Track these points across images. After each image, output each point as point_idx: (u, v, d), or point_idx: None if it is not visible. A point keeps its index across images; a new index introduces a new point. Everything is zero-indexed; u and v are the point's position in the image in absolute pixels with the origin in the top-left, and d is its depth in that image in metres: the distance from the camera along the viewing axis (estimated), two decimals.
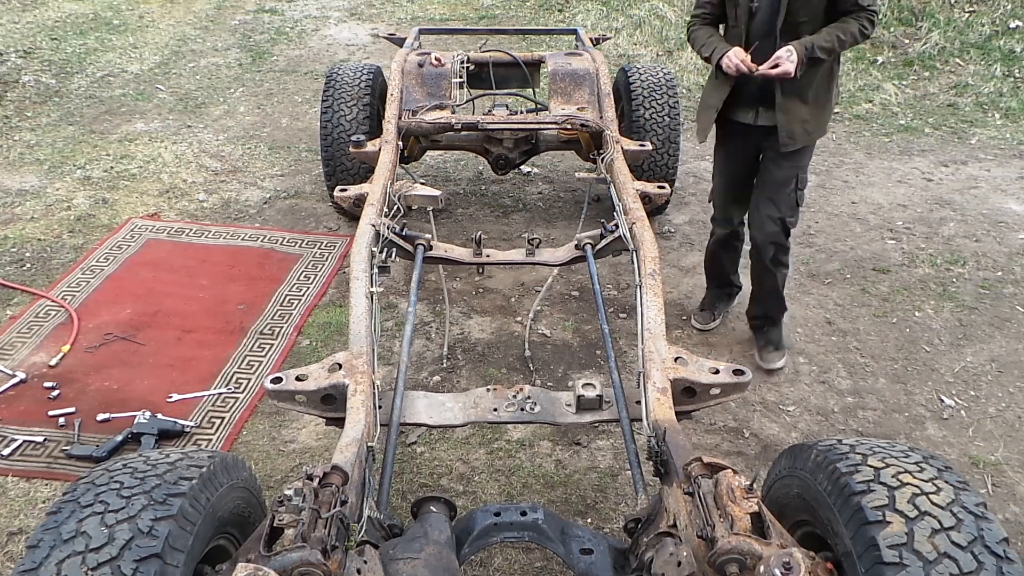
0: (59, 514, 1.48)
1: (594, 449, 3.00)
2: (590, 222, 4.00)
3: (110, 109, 6.02)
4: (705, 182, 5.13)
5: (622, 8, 8.21)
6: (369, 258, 2.74)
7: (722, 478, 1.63)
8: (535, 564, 2.52)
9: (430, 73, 4.20)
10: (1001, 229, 4.66)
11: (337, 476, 1.71)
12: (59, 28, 7.60)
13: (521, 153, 4.32)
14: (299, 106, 6.22)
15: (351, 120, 4.16)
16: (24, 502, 2.71)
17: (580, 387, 2.32)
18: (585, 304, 3.88)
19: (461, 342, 3.61)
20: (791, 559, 1.38)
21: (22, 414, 3.07)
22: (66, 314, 3.65)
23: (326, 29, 8.02)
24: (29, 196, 4.73)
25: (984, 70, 6.72)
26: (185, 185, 4.95)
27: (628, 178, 3.44)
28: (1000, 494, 2.86)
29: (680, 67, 6.89)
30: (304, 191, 4.93)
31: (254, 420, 3.11)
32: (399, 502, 2.71)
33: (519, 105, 4.54)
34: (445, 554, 1.71)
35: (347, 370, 2.23)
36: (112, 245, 4.24)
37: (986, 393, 3.36)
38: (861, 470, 1.59)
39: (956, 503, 1.48)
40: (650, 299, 2.55)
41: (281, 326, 3.65)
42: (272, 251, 4.26)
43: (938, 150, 5.74)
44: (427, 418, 2.34)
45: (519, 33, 7.04)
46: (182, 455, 1.69)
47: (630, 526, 1.92)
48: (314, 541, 1.51)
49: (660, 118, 4.24)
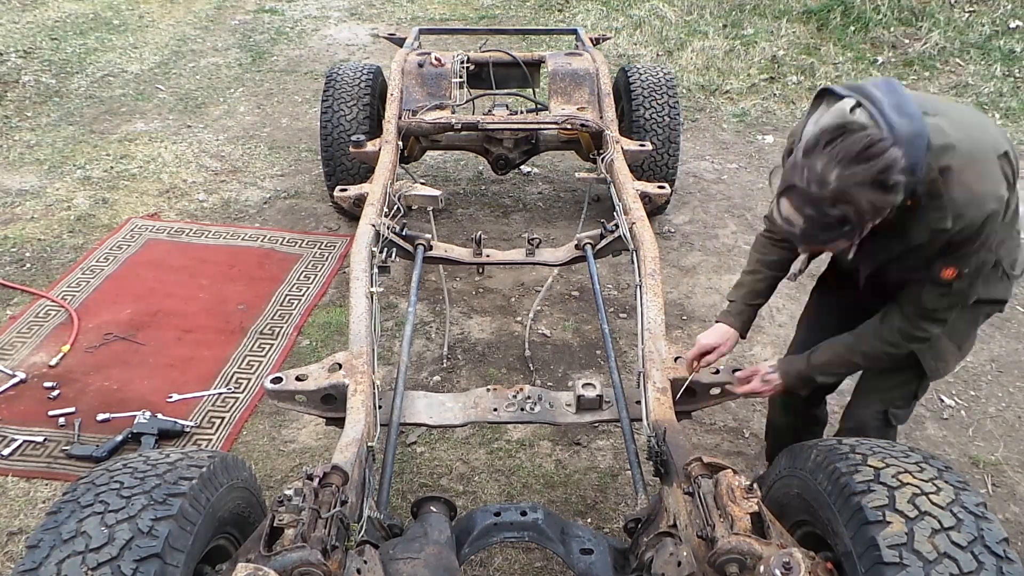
0: (59, 514, 1.48)
1: (594, 449, 3.00)
2: (590, 222, 4.00)
3: (110, 109, 6.02)
4: (705, 182, 5.13)
5: (622, 8, 8.21)
6: (369, 258, 2.74)
7: (722, 478, 1.64)
8: (535, 564, 2.52)
9: (430, 73, 4.20)
10: None
11: (337, 476, 1.71)
12: (59, 28, 7.60)
13: (521, 153, 4.32)
14: (299, 106, 6.22)
15: (351, 120, 4.16)
16: (24, 502, 2.71)
17: (580, 387, 2.32)
18: (585, 304, 3.88)
19: (461, 342, 3.61)
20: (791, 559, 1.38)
21: (22, 414, 3.07)
22: (66, 314, 3.65)
23: (326, 29, 8.02)
24: (29, 196, 4.72)
25: (984, 70, 6.72)
26: (185, 185, 4.94)
27: (628, 178, 3.44)
28: (1000, 494, 2.86)
29: (680, 67, 6.89)
30: (304, 191, 4.92)
31: (254, 420, 3.11)
32: (399, 502, 2.71)
33: (519, 105, 4.54)
34: (445, 554, 1.71)
35: (347, 370, 2.23)
36: (112, 245, 4.24)
37: (986, 393, 3.36)
38: (861, 470, 1.59)
39: (956, 503, 1.48)
40: (650, 299, 2.55)
41: (281, 326, 3.65)
42: (272, 251, 4.26)
43: None
44: (427, 418, 2.34)
45: (519, 33, 7.04)
46: (182, 455, 1.69)
47: (630, 526, 1.92)
48: (314, 541, 1.51)
49: (660, 118, 4.24)
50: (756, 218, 4.65)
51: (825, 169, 1.65)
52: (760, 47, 7.06)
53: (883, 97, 1.79)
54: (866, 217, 1.70)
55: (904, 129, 1.72)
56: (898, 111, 1.75)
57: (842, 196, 1.65)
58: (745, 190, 5.04)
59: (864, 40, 7.14)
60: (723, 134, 5.88)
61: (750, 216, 4.70)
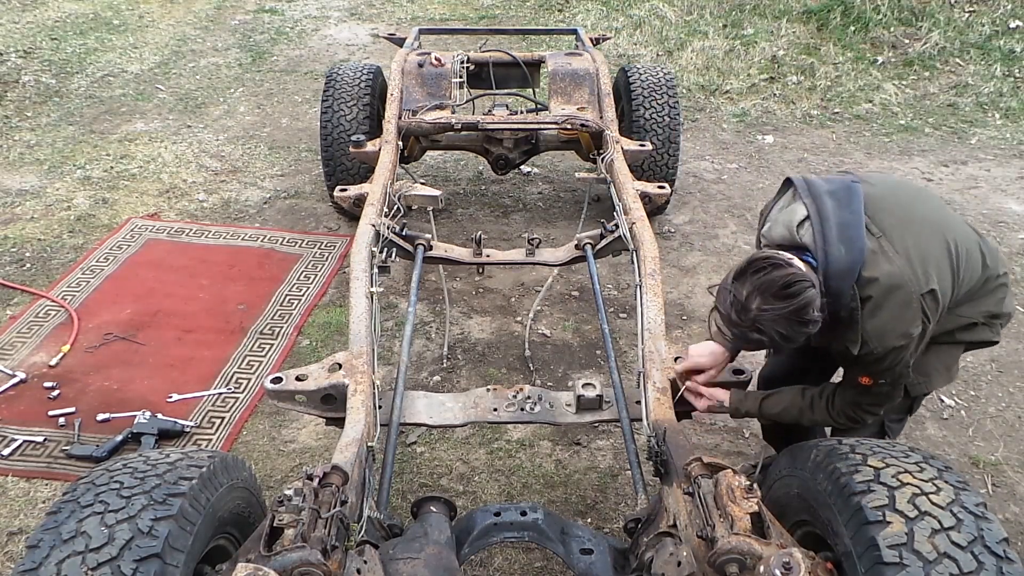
0: (59, 514, 1.48)
1: (594, 449, 3.00)
2: (590, 222, 4.00)
3: (110, 109, 6.02)
4: (705, 182, 5.14)
5: (622, 8, 8.21)
6: (369, 258, 2.74)
7: (722, 478, 1.63)
8: (535, 564, 2.52)
9: (430, 73, 4.20)
10: (1001, 229, 4.66)
11: (337, 476, 1.71)
12: (59, 28, 7.60)
13: (521, 153, 4.32)
14: (299, 106, 6.21)
15: (351, 120, 4.16)
16: (24, 502, 2.71)
17: (580, 387, 2.32)
18: (585, 304, 3.87)
19: (461, 342, 3.61)
20: (791, 559, 1.38)
21: (22, 414, 3.07)
22: (66, 314, 3.65)
23: (326, 29, 8.02)
24: (29, 196, 4.72)
25: (984, 70, 6.71)
26: (185, 185, 4.94)
27: (628, 178, 3.44)
28: (1000, 494, 2.86)
29: (680, 67, 6.89)
30: (304, 191, 4.92)
31: (254, 420, 3.11)
32: (399, 502, 2.71)
33: (519, 105, 4.53)
34: (445, 554, 1.71)
35: (347, 370, 2.23)
36: (112, 245, 4.24)
37: (986, 393, 3.36)
38: (861, 470, 1.59)
39: (956, 503, 1.48)
40: (650, 299, 2.55)
41: (281, 326, 3.65)
42: (272, 251, 4.26)
43: (938, 150, 5.74)
44: (427, 418, 2.34)
45: (519, 33, 7.04)
46: (182, 455, 1.69)
47: (630, 526, 1.92)
48: (314, 541, 1.51)
49: (660, 118, 4.24)
50: (756, 218, 4.64)
51: (748, 299, 1.82)
52: (760, 47, 7.05)
53: (833, 215, 1.90)
54: (781, 344, 1.87)
55: (839, 262, 1.86)
56: (842, 235, 1.88)
57: (759, 326, 1.82)
58: (745, 190, 5.04)
59: (864, 40, 7.14)
60: (723, 134, 5.88)
61: (750, 216, 4.70)
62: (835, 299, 1.87)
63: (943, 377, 2.25)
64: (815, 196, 1.95)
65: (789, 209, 2.01)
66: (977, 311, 2.09)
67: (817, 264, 1.88)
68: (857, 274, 1.86)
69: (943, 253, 1.94)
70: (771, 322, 1.80)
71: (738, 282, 1.85)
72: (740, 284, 1.84)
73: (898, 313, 1.87)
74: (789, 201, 2.04)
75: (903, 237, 1.91)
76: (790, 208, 2.01)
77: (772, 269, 1.81)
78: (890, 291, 1.85)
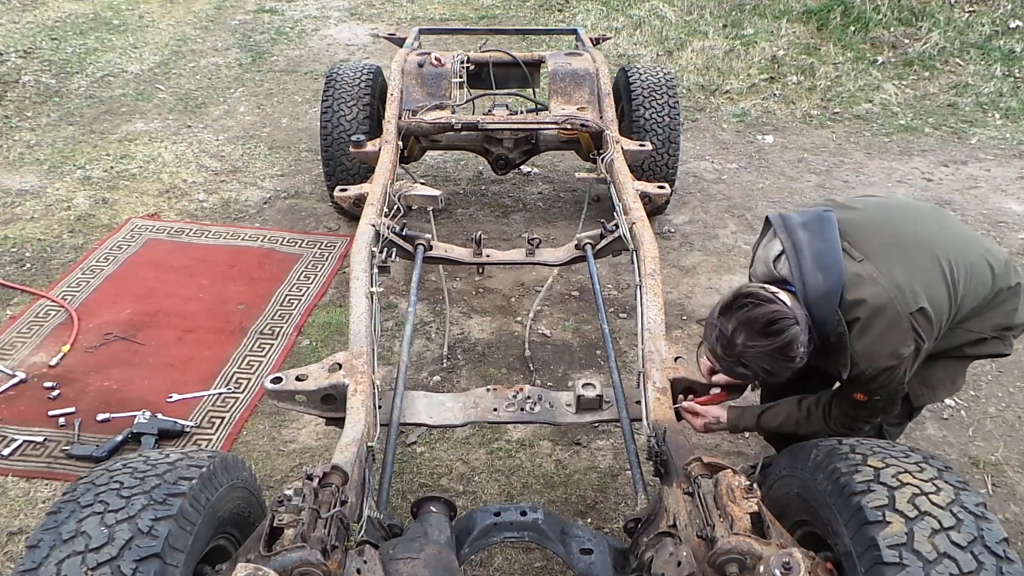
0: (59, 514, 1.48)
1: (594, 449, 3.00)
2: (590, 222, 4.00)
3: (110, 109, 6.02)
4: (705, 182, 5.14)
5: (622, 8, 8.21)
6: (369, 258, 2.74)
7: (722, 478, 1.64)
8: (535, 564, 2.52)
9: (430, 73, 4.20)
10: (1001, 229, 4.66)
11: (337, 476, 1.71)
12: (59, 28, 7.60)
13: (521, 153, 4.32)
14: (299, 106, 6.21)
15: (351, 120, 4.16)
16: (24, 502, 2.71)
17: (580, 387, 2.32)
18: (585, 304, 3.87)
19: (461, 342, 3.61)
20: (791, 559, 1.38)
21: (22, 414, 3.07)
22: (66, 314, 3.65)
23: (326, 29, 8.02)
24: (29, 196, 4.72)
25: (984, 70, 6.72)
26: (185, 185, 4.94)
27: (628, 178, 3.44)
28: (1000, 494, 2.86)
29: (680, 67, 6.89)
30: (304, 191, 4.92)
31: (254, 420, 3.11)
32: (399, 502, 2.71)
33: (519, 105, 4.53)
34: (445, 554, 1.71)
35: (347, 370, 2.23)
36: (112, 245, 4.24)
37: (986, 393, 3.36)
38: (861, 470, 1.59)
39: (956, 503, 1.48)
40: (650, 299, 2.55)
41: (281, 326, 3.65)
42: (272, 251, 4.26)
43: (938, 150, 5.74)
44: (427, 418, 2.34)
45: (519, 33, 7.04)
46: (182, 455, 1.69)
47: (630, 526, 1.92)
48: (314, 541, 1.51)
49: (660, 118, 4.24)
50: (756, 218, 4.65)
51: (733, 334, 1.85)
52: (760, 47, 7.05)
53: (807, 245, 1.93)
54: (766, 378, 1.91)
55: (817, 288, 1.87)
56: (817, 262, 1.90)
57: (744, 361, 1.86)
58: (745, 190, 5.04)
59: (864, 40, 7.14)
60: (723, 134, 5.88)
61: (750, 216, 4.70)
62: (820, 325, 1.90)
63: (947, 389, 2.25)
64: (789, 230, 2.00)
65: (768, 246, 2.07)
66: (987, 325, 2.09)
67: (798, 293, 1.90)
68: (839, 298, 1.88)
69: (935, 271, 1.95)
70: (756, 358, 1.84)
71: (724, 317, 1.88)
72: (726, 319, 1.87)
73: (886, 334, 1.88)
74: (770, 239, 2.09)
75: (888, 258, 1.93)
76: (769, 245, 2.07)
77: (755, 306, 1.84)
78: (876, 312, 1.87)
